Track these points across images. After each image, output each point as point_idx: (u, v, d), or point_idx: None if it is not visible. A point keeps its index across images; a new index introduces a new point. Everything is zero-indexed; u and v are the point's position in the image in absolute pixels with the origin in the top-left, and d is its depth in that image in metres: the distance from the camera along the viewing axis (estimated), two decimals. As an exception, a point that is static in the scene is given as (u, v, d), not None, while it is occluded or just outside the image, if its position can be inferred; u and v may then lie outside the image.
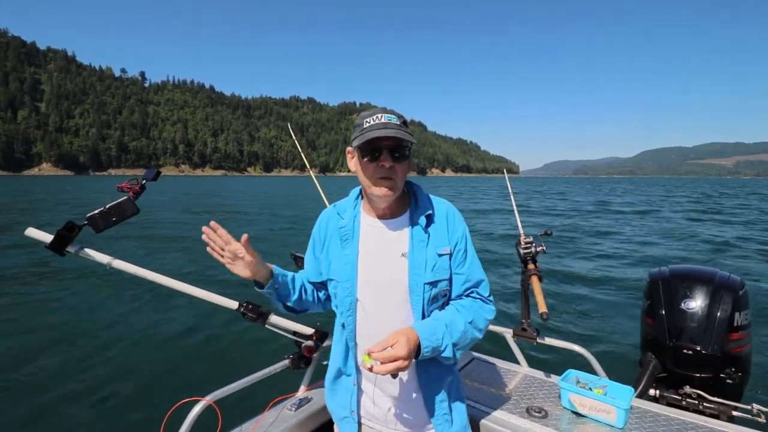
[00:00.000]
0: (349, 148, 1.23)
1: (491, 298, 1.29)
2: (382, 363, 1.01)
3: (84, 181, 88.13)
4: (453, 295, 1.25)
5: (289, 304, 1.31)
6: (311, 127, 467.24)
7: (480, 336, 1.23)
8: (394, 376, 1.06)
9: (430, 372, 1.24)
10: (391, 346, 1.03)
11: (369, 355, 1.03)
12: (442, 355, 1.14)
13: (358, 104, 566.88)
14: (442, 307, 1.24)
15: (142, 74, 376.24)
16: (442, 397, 1.26)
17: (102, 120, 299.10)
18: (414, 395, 1.26)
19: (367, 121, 1.14)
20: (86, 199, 30.88)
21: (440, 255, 1.21)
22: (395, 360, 1.00)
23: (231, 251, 1.15)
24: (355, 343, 1.27)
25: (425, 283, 1.18)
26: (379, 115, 1.14)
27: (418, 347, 1.08)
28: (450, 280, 1.23)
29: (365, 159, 1.15)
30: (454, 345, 1.15)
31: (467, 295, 1.26)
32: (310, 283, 1.39)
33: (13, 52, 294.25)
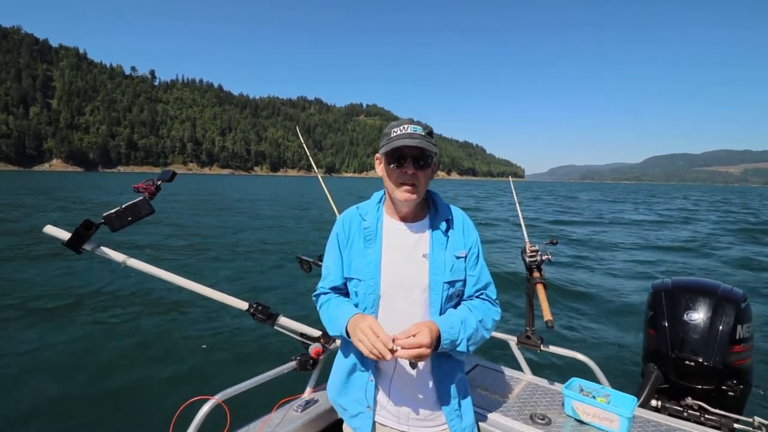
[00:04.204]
0: (377, 155, 1.30)
1: (498, 300, 1.37)
2: (404, 349, 1.08)
3: (94, 178, 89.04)
4: (464, 296, 1.34)
5: None
6: (318, 127, 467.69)
7: (488, 336, 1.30)
8: (414, 366, 1.16)
9: (443, 368, 1.31)
10: (414, 335, 1.10)
11: (394, 341, 1.09)
12: (458, 348, 1.20)
13: (364, 105, 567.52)
14: (455, 307, 1.32)
15: (152, 72, 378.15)
16: (453, 393, 1.32)
17: (112, 117, 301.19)
18: (428, 390, 1.31)
19: (394, 131, 1.22)
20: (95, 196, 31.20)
21: (457, 257, 1.30)
22: (418, 347, 1.08)
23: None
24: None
25: (444, 282, 1.26)
26: (406, 126, 1.21)
27: (438, 339, 1.15)
28: (464, 281, 1.32)
29: (391, 165, 1.23)
30: (468, 340, 1.22)
31: (477, 297, 1.34)
32: (342, 291, 1.41)
33: (26, 49, 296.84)
